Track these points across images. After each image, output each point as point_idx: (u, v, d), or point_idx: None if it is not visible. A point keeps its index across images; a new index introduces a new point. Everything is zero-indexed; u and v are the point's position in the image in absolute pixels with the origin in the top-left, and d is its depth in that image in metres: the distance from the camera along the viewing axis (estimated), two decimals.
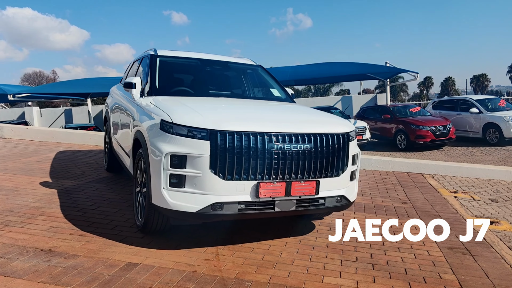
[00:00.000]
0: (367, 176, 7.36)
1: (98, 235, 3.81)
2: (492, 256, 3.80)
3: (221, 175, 3.29)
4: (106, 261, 3.26)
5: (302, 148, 3.48)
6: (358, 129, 16.19)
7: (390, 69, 17.49)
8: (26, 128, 9.77)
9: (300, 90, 54.92)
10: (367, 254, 3.71)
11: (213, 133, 3.28)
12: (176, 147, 3.32)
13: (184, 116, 3.46)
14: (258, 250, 3.66)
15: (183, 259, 3.37)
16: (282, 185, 3.42)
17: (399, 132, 15.87)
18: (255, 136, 3.34)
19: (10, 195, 5.00)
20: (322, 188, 3.61)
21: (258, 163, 3.34)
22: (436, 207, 5.44)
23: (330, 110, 18.59)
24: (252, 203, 3.39)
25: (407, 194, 6.14)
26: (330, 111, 18.46)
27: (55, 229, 3.91)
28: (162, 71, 4.74)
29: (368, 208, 5.28)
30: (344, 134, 3.76)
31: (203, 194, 3.30)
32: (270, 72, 5.47)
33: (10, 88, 21.20)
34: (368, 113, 18.30)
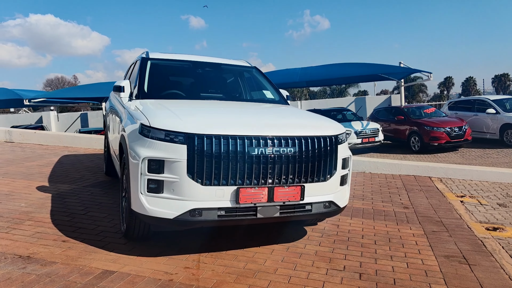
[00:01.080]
0: (371, 180, 7.15)
1: (81, 241, 3.75)
2: (491, 265, 3.58)
3: (199, 180, 3.18)
4: (82, 268, 3.18)
5: (285, 152, 3.34)
6: (370, 131, 15.94)
7: (403, 69, 17.10)
8: (34, 132, 9.88)
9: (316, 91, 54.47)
10: (356, 263, 3.54)
11: (191, 137, 3.17)
12: (153, 152, 3.22)
13: (162, 119, 3.36)
14: (242, 258, 3.53)
15: (161, 267, 3.27)
16: (264, 190, 3.29)
17: (413, 133, 15.50)
18: (234, 140, 3.22)
19: (4, 199, 5.00)
20: (308, 194, 3.47)
21: (238, 167, 3.22)
22: (439, 213, 5.21)
23: (342, 112, 18.35)
24: (232, 209, 3.27)
25: (410, 198, 5.92)
26: (342, 112, 18.25)
27: (39, 235, 3.86)
28: (153, 74, 4.68)
29: (366, 213, 5.09)
30: (331, 137, 3.60)
31: (181, 200, 3.19)
32: (265, 74, 5.34)
33: (26, 93, 21.62)
34: (381, 114, 17.97)
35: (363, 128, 16.01)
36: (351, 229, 4.45)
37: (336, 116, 18.00)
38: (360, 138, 15.79)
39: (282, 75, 18.33)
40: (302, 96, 53.75)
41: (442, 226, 4.66)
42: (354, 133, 15.78)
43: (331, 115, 17.90)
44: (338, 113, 18.26)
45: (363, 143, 15.83)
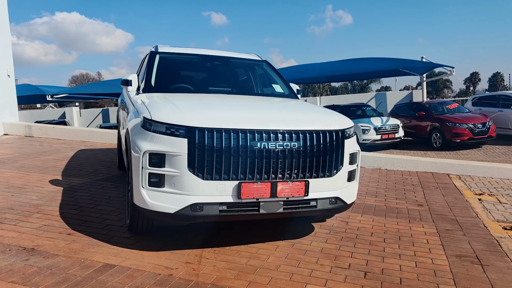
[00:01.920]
0: (387, 176, 6.98)
1: (86, 234, 3.76)
2: (505, 266, 3.42)
3: (200, 174, 3.13)
4: (83, 261, 3.18)
5: (288, 147, 3.26)
6: (390, 127, 15.66)
7: (424, 64, 16.68)
8: (52, 127, 10.05)
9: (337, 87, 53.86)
10: (362, 261, 3.43)
11: (191, 130, 3.12)
12: (154, 145, 3.19)
13: (164, 113, 3.33)
14: (245, 254, 3.47)
15: (163, 262, 3.25)
16: (267, 185, 3.22)
17: (435, 130, 15.14)
18: (236, 134, 3.16)
19: (16, 192, 5.08)
20: (313, 189, 3.38)
21: (240, 162, 3.16)
22: (455, 211, 5.03)
23: (362, 107, 18.07)
24: (234, 204, 3.21)
25: (426, 196, 5.74)
26: (361, 108, 17.98)
27: (46, 227, 3.90)
28: (161, 67, 4.66)
29: (378, 210, 4.96)
30: (337, 131, 3.50)
31: (182, 195, 3.15)
32: (275, 68, 5.25)
33: (49, 89, 22.09)
34: (402, 110, 17.61)
35: (382, 124, 15.73)
36: (360, 226, 4.33)
37: (356, 112, 17.77)
38: (380, 134, 15.52)
39: (300, 70, 18.16)
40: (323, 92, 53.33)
41: (457, 224, 4.49)
42: (373, 129, 15.53)
43: (350, 111, 17.67)
44: (357, 109, 18.00)
45: (383, 139, 15.56)
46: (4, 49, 10.61)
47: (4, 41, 10.65)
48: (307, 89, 56.32)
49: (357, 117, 17.07)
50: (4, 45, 10.64)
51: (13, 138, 9.95)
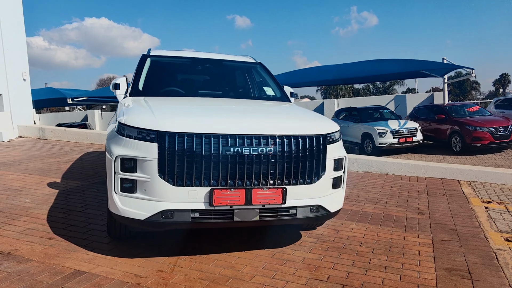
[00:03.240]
0: (393, 182, 6.74)
1: (66, 239, 3.73)
2: (497, 282, 3.19)
3: (171, 180, 3.04)
4: (55, 267, 3.14)
5: (264, 152, 3.13)
6: (408, 130, 15.24)
7: (444, 65, 16.15)
8: (64, 129, 10.21)
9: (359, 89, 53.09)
10: (343, 273, 3.26)
11: (162, 135, 3.04)
12: (126, 150, 3.13)
13: (137, 117, 3.26)
14: (221, 263, 3.36)
15: (135, 269, 3.17)
16: (241, 192, 3.10)
17: (454, 133, 14.63)
18: (208, 138, 3.06)
19: (12, 195, 5.13)
20: (291, 197, 3.24)
21: (212, 168, 3.05)
22: (457, 220, 4.78)
23: (379, 110, 17.68)
24: (207, 211, 3.11)
25: (430, 203, 5.49)
26: (379, 110, 17.58)
27: (29, 231, 3.89)
28: (150, 71, 4.61)
29: (374, 218, 4.76)
30: (318, 136, 3.35)
31: (152, 201, 3.07)
32: (269, 71, 5.12)
33: (70, 92, 22.59)
34: (421, 113, 17.12)
35: (400, 127, 15.33)
36: (351, 235, 4.16)
37: (373, 115, 17.40)
38: (397, 137, 15.13)
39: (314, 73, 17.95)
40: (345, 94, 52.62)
41: (455, 234, 4.25)
42: (390, 132, 15.15)
43: (367, 114, 17.33)
44: (375, 111, 17.62)
45: (400, 143, 15.15)
46: (20, 54, 10.87)
47: (20, 47, 10.91)
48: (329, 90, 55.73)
49: (375, 119, 16.70)
50: (20, 50, 10.90)
51: (26, 140, 10.16)
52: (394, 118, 16.72)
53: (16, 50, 10.71)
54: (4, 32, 10.36)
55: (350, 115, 17.90)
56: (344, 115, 18.59)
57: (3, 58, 10.32)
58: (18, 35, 10.81)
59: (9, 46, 10.46)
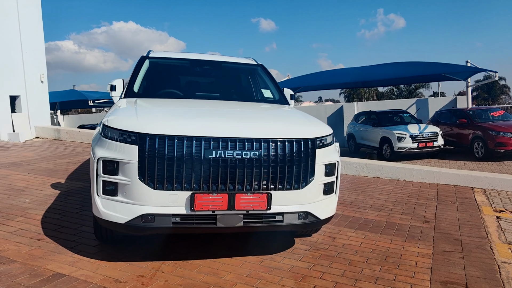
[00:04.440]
0: (402, 189, 6.51)
1: (55, 240, 3.72)
2: None
3: (151, 183, 2.97)
4: (36, 269, 3.12)
5: (248, 156, 3.02)
6: (428, 135, 14.83)
7: (467, 69, 15.63)
8: (78, 131, 10.37)
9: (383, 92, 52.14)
10: (330, 283, 3.11)
11: (142, 137, 2.98)
12: (108, 152, 3.08)
13: (119, 119, 3.21)
14: (205, 269, 3.26)
15: (116, 273, 3.11)
16: (224, 197, 3.00)
17: (477, 138, 14.13)
18: (190, 141, 2.97)
19: (14, 195, 5.18)
20: (277, 202, 3.12)
21: (193, 171, 2.97)
22: (464, 229, 4.54)
23: (399, 114, 17.29)
24: (188, 216, 3.02)
25: (437, 211, 5.26)
26: (398, 114, 17.19)
27: (20, 232, 3.90)
28: (148, 72, 4.58)
29: (375, 226, 4.57)
30: (307, 140, 3.22)
31: (132, 204, 3.01)
32: (270, 73, 5.01)
33: (91, 94, 23.05)
34: (443, 117, 16.63)
35: (420, 131, 14.93)
36: (347, 243, 3.99)
37: (393, 118, 17.03)
38: (416, 142, 14.73)
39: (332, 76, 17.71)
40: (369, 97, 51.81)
41: (459, 245, 4.03)
42: (409, 137, 14.77)
43: (387, 117, 16.96)
44: (394, 115, 17.24)
45: (419, 147, 14.75)
46: (38, 56, 11.12)
47: (39, 49, 11.16)
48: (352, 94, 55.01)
49: (394, 123, 16.33)
50: (39, 53, 11.14)
51: (42, 141, 10.36)
52: (415, 122, 16.31)
53: (35, 53, 10.95)
54: (23, 36, 10.61)
55: (369, 119, 17.57)
56: (363, 119, 18.27)
57: (21, 61, 10.57)
58: (36, 38, 11.05)
59: (28, 49, 10.70)
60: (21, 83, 10.59)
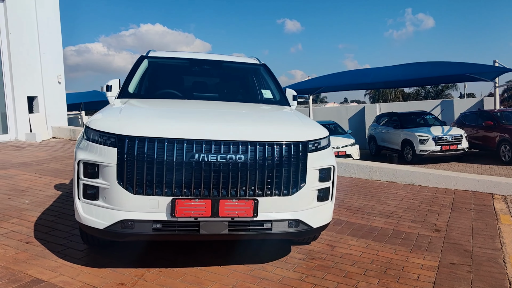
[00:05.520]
0: (416, 194, 6.19)
1: (43, 244, 3.64)
2: None
3: (130, 188, 2.84)
4: (16, 274, 3.03)
5: (233, 159, 2.85)
6: (451, 138, 14.31)
7: (495, 69, 14.95)
8: None
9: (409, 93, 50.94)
10: None
11: (122, 139, 2.85)
12: (89, 155, 2.97)
13: (101, 120, 3.10)
14: (190, 278, 3.11)
15: (96, 281, 2.99)
16: (207, 203, 2.84)
17: (503, 141, 13.52)
18: (171, 144, 2.82)
19: (15, 195, 5.17)
20: (264, 209, 2.94)
21: (174, 175, 2.82)
22: (477, 240, 4.23)
23: (422, 115, 16.77)
24: (170, 223, 2.87)
25: (450, 219, 4.94)
26: (421, 116, 16.67)
27: (11, 234, 3.85)
28: (146, 72, 4.48)
29: (380, 234, 4.31)
30: (297, 143, 3.02)
31: (111, 209, 2.88)
32: (272, 73, 4.82)
33: None
34: (469, 119, 16.03)
35: (443, 134, 14.42)
36: (346, 252, 3.76)
37: (416, 120, 16.54)
38: (439, 145, 14.25)
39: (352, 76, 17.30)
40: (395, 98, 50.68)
41: (469, 257, 3.74)
42: (431, 139, 14.30)
43: (409, 119, 16.48)
44: (417, 117, 16.74)
45: (443, 150, 14.26)
46: (56, 58, 11.27)
47: (57, 51, 11.30)
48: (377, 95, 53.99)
49: (417, 125, 15.85)
50: (56, 54, 11.29)
51: (57, 141, 10.47)
52: (438, 124, 15.78)
53: (52, 55, 11.10)
54: (41, 38, 10.77)
55: (391, 121, 17.14)
56: (384, 121, 17.84)
57: (39, 62, 10.73)
58: (54, 40, 11.20)
59: (46, 51, 10.87)
60: (38, 84, 10.75)
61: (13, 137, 10.43)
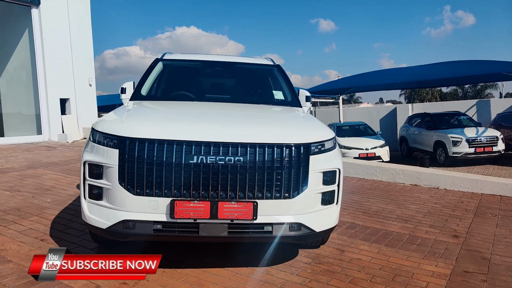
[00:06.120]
0: (440, 198, 5.98)
1: (56, 241, 3.77)
2: None
3: (131, 188, 2.89)
4: (26, 271, 3.12)
5: (231, 162, 2.85)
6: (486, 139, 13.73)
7: None
8: None
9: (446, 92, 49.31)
10: None
11: (123, 141, 2.91)
12: (93, 156, 3.05)
13: (106, 122, 3.17)
14: (192, 279, 3.12)
15: (99, 279, 3.06)
16: (206, 204, 2.85)
17: None
18: (171, 145, 2.85)
19: (39, 194, 5.38)
20: (264, 212, 2.92)
21: (174, 177, 2.84)
22: (498, 247, 4.03)
23: (456, 116, 16.18)
24: (170, 224, 2.90)
25: (472, 225, 4.74)
26: (455, 117, 16.08)
27: (28, 231, 4.00)
28: (160, 75, 4.56)
29: (395, 239, 4.19)
30: (299, 145, 2.97)
31: (114, 210, 2.95)
32: (286, 74, 4.77)
33: None
34: (506, 120, 15.35)
35: (478, 135, 13.86)
36: (355, 257, 3.67)
37: (449, 121, 15.99)
38: (473, 147, 13.71)
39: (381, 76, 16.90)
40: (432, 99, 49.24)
41: (485, 266, 3.56)
42: (465, 141, 13.77)
43: (443, 120, 15.95)
44: (450, 117, 16.17)
45: (477, 153, 13.70)
46: (87, 61, 11.66)
47: (88, 54, 11.70)
48: (413, 95, 52.59)
49: (450, 126, 15.31)
50: (88, 58, 11.69)
51: None
52: (473, 125, 15.18)
53: (84, 58, 11.49)
54: (73, 42, 11.18)
55: (423, 121, 16.64)
56: (417, 121, 17.34)
57: (71, 66, 11.14)
58: (85, 44, 11.60)
59: (77, 54, 11.26)
60: (70, 86, 11.15)
61: (46, 137, 10.86)
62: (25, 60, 11.07)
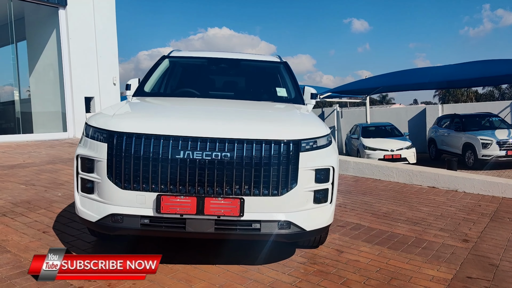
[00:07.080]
0: (456, 201, 5.74)
1: (57, 234, 3.85)
2: None
3: (119, 182, 2.90)
4: (22, 261, 3.23)
5: (218, 157, 2.82)
6: None
7: None
8: None
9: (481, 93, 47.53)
10: None
11: (112, 135, 2.93)
12: (85, 150, 3.09)
13: (98, 117, 3.21)
14: (180, 275, 3.11)
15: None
16: (192, 200, 2.83)
17: None
18: (158, 140, 2.85)
19: (51, 188, 5.53)
20: (252, 209, 2.87)
21: (160, 172, 2.84)
22: (508, 253, 3.82)
23: (488, 118, 15.55)
24: (157, 218, 2.90)
25: (486, 229, 4.51)
26: (487, 118, 15.46)
27: (33, 224, 4.11)
28: (166, 71, 4.58)
29: (399, 242, 4.04)
30: (288, 142, 2.91)
31: (103, 203, 2.97)
32: (292, 71, 4.69)
33: None
34: None
35: (509, 137, 13.27)
36: (353, 259, 3.56)
37: (480, 123, 15.39)
38: (504, 149, 13.15)
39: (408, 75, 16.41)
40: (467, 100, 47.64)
41: (491, 272, 3.38)
42: (495, 144, 13.22)
43: (473, 121, 15.39)
44: (481, 119, 15.55)
45: (508, 155, 13.12)
46: (112, 61, 11.93)
47: (112, 54, 11.97)
48: (448, 96, 51.01)
49: (480, 128, 14.73)
50: (112, 57, 11.96)
51: None
52: (505, 127, 14.54)
53: (108, 58, 11.76)
54: (99, 43, 11.47)
55: (453, 123, 16.08)
56: (446, 123, 16.80)
57: (96, 65, 11.42)
58: (110, 44, 11.87)
59: (102, 55, 11.54)
60: (95, 85, 11.44)
61: (71, 135, 11.18)
62: (53, 60, 11.44)
